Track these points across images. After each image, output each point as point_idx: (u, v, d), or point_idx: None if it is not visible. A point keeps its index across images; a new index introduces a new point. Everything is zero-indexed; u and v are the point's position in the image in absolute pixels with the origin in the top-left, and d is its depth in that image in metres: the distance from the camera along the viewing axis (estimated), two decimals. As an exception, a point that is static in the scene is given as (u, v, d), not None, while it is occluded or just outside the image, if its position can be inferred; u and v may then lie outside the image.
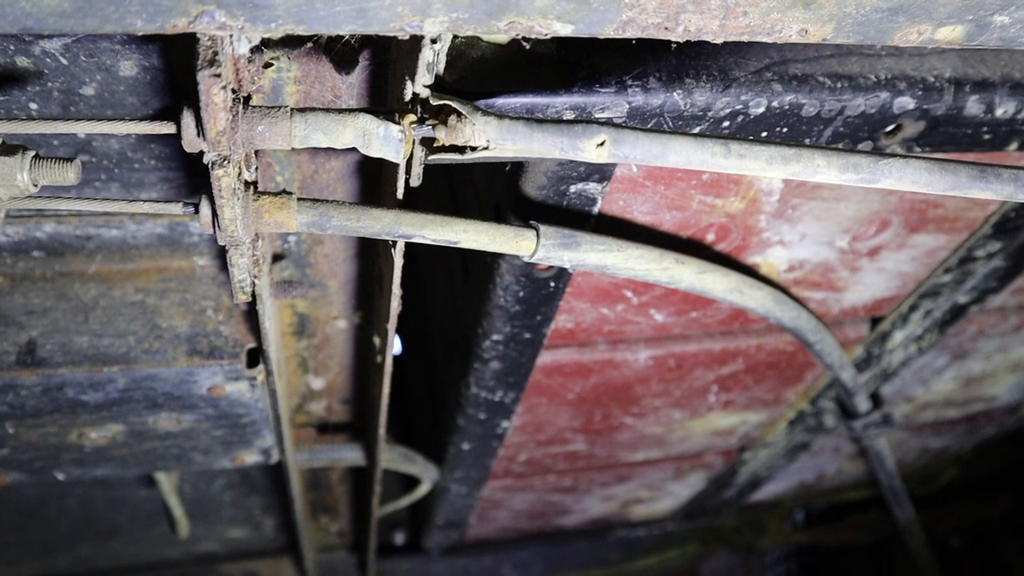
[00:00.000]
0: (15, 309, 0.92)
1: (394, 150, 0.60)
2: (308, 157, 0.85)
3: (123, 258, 0.95)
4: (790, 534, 2.43)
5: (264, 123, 0.59)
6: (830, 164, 0.63)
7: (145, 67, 0.72)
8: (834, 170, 0.63)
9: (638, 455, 1.65)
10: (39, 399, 0.92)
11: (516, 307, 0.98)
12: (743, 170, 0.63)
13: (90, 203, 0.66)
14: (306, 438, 1.34)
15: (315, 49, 0.71)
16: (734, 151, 0.62)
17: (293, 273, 0.99)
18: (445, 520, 1.79)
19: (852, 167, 0.64)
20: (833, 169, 0.63)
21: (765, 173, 0.63)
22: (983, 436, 2.08)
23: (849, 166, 0.64)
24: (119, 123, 0.61)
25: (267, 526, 1.93)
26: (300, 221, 0.67)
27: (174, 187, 0.86)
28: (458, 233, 0.71)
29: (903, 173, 0.64)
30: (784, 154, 0.63)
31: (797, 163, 0.63)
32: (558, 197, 0.82)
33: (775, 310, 1.01)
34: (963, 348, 1.49)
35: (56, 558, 1.87)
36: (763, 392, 1.45)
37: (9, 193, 0.60)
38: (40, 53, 0.70)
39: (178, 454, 1.10)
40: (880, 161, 0.64)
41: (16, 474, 1.09)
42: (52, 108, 0.74)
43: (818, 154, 0.63)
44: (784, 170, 0.63)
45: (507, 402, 1.23)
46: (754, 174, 0.65)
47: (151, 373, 0.91)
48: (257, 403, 0.99)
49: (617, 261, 0.82)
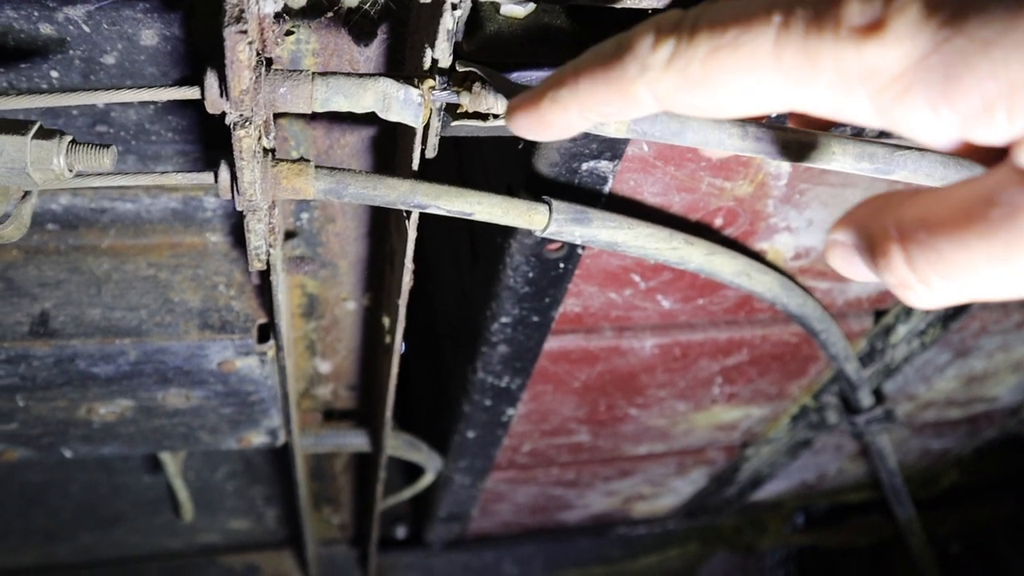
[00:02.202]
0: (29, 281, 0.93)
1: (413, 114, 0.61)
2: (323, 132, 0.86)
3: (136, 232, 0.95)
4: (790, 535, 2.43)
5: (286, 85, 0.60)
6: (845, 152, 0.64)
7: (166, 36, 0.73)
8: (849, 158, 0.64)
9: (641, 448, 1.65)
10: (51, 370, 0.93)
11: (525, 288, 0.99)
12: (759, 153, 0.63)
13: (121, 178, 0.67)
14: (312, 423, 1.35)
15: (334, 20, 0.72)
16: (751, 134, 0.63)
17: (305, 251, 1.00)
18: (448, 512, 1.79)
19: (867, 156, 0.64)
20: (848, 157, 0.64)
21: (780, 159, 0.64)
22: (984, 439, 2.09)
23: (864, 155, 0.64)
24: (142, 91, 0.62)
25: (269, 517, 1.93)
26: (317, 188, 0.68)
27: (190, 160, 0.87)
28: (472, 205, 0.72)
29: (918, 166, 0.65)
30: (800, 139, 0.64)
31: (812, 150, 0.64)
32: (570, 175, 0.83)
33: (782, 296, 1.02)
34: (966, 345, 1.50)
35: (58, 546, 1.88)
36: (767, 385, 1.46)
37: (44, 177, 0.60)
38: (63, 20, 0.71)
39: (185, 433, 1.10)
40: (896, 152, 0.65)
41: (24, 450, 1.09)
42: (73, 76, 0.75)
43: (834, 142, 0.64)
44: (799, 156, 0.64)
45: (513, 388, 1.24)
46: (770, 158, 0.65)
47: (162, 346, 0.92)
48: (266, 380, 1.00)
49: (628, 239, 0.83)
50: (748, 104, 0.39)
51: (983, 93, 0.33)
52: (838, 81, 0.36)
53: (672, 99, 0.41)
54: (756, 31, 0.37)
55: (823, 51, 0.36)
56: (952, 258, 0.35)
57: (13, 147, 0.59)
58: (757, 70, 0.37)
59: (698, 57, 0.38)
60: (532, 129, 0.48)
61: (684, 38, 0.39)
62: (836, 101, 0.37)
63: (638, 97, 0.41)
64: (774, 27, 0.37)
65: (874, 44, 0.35)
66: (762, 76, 0.37)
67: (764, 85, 0.38)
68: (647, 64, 0.40)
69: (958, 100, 0.33)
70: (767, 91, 0.38)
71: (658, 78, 0.40)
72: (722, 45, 0.38)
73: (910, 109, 0.35)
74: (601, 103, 0.43)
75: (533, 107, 0.47)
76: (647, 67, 0.40)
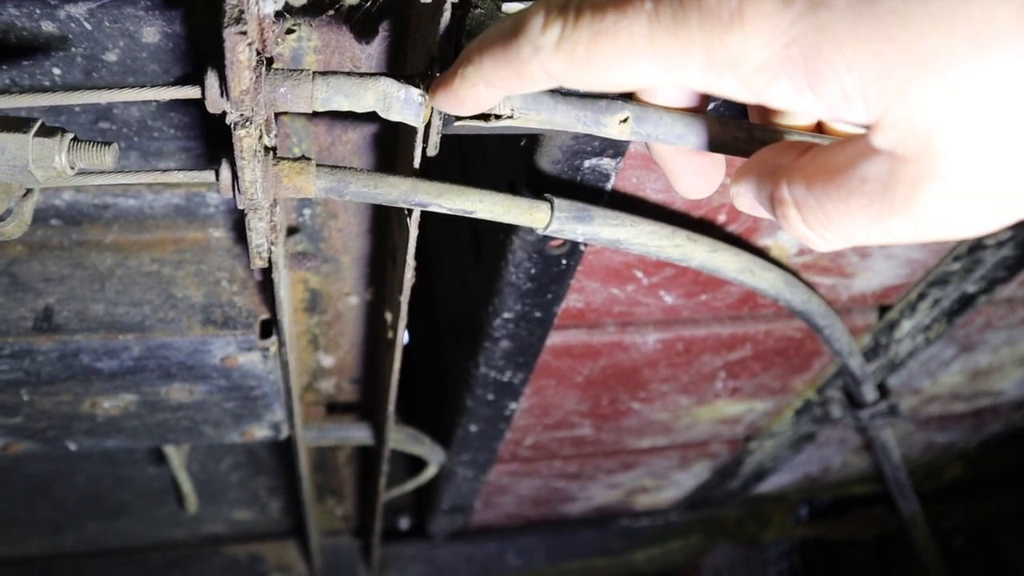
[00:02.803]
0: (33, 276, 0.93)
1: (414, 114, 0.61)
2: (325, 129, 0.86)
3: (140, 228, 0.96)
4: (794, 528, 2.43)
5: (287, 85, 0.60)
6: None
7: (168, 34, 0.73)
8: None
9: (644, 442, 1.66)
10: (54, 365, 0.93)
11: (527, 284, 0.99)
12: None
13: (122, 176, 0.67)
14: (315, 416, 1.35)
15: (336, 18, 0.72)
16: (756, 137, 0.62)
17: (307, 247, 1.00)
18: (451, 504, 1.80)
19: None
20: None
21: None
22: (989, 432, 2.08)
23: None
24: (143, 90, 0.62)
25: (273, 508, 1.94)
26: (318, 186, 0.68)
27: (192, 157, 0.87)
28: (474, 203, 0.72)
29: None
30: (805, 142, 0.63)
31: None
32: (572, 172, 0.83)
33: (785, 292, 1.02)
34: (971, 340, 1.50)
35: (63, 536, 1.89)
36: (770, 380, 1.46)
37: (46, 175, 0.61)
38: (65, 17, 0.71)
39: (189, 426, 1.11)
40: None
41: (29, 443, 1.10)
42: (75, 74, 0.75)
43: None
44: None
45: (515, 383, 1.24)
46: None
47: (165, 342, 0.92)
48: (269, 375, 1.00)
49: (630, 236, 0.83)
50: (631, 83, 0.42)
51: (841, 85, 0.36)
52: (709, 66, 0.39)
53: (563, 78, 0.44)
54: (631, 17, 0.39)
55: (691, 39, 0.38)
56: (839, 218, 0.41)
57: (15, 145, 0.59)
58: (635, 56, 0.40)
59: (582, 41, 0.41)
60: (449, 105, 0.52)
61: (570, 21, 0.42)
62: (710, 83, 0.40)
63: (533, 75, 0.45)
64: (646, 14, 0.39)
65: (736, 34, 0.37)
66: (640, 61, 0.40)
67: (642, 69, 0.41)
68: (538, 45, 0.43)
69: (819, 88, 0.37)
70: (646, 72, 0.41)
71: (549, 59, 0.43)
72: (602, 31, 0.40)
73: (778, 95, 0.38)
74: (502, 80, 0.47)
75: (447, 84, 0.51)
76: (538, 48, 0.43)
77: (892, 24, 0.34)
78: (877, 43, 0.35)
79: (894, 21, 0.34)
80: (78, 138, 0.61)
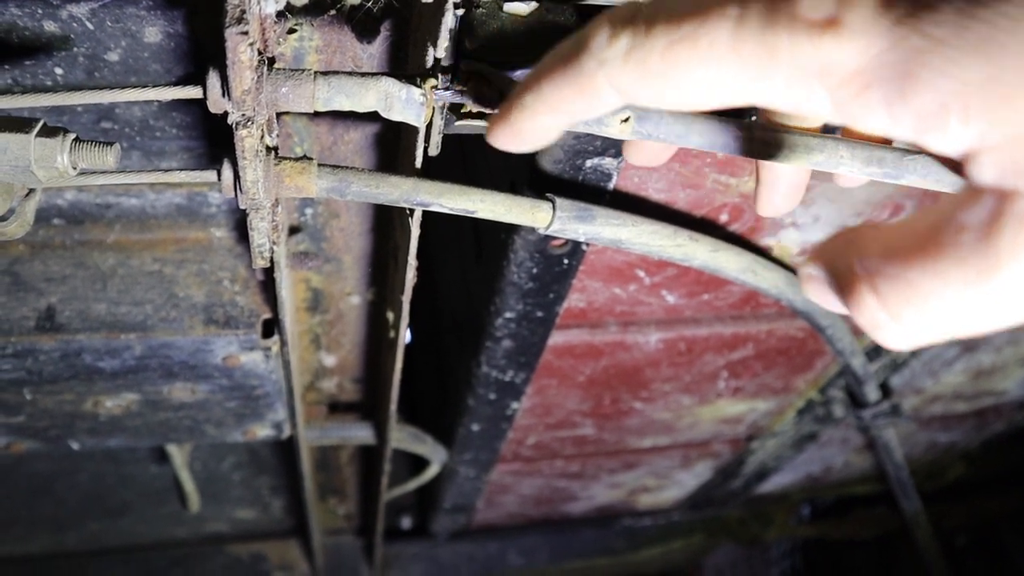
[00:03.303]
0: (35, 276, 0.93)
1: (415, 114, 0.61)
2: (327, 128, 0.86)
3: (142, 228, 0.96)
4: (796, 527, 2.43)
5: (288, 85, 0.60)
6: (854, 156, 0.63)
7: (169, 33, 0.73)
8: (858, 162, 0.63)
9: (646, 441, 1.65)
10: (57, 365, 0.93)
11: (529, 284, 0.99)
12: (765, 157, 0.63)
13: (124, 176, 0.67)
14: (317, 415, 1.35)
15: (337, 18, 0.72)
16: (757, 137, 0.62)
17: (309, 246, 1.00)
18: (453, 504, 1.80)
19: (876, 161, 0.63)
20: (857, 161, 0.63)
21: (787, 161, 0.63)
22: (992, 432, 2.08)
23: (873, 160, 0.63)
24: (145, 90, 0.62)
25: (275, 507, 1.94)
26: (320, 186, 0.68)
27: (194, 156, 0.87)
28: (475, 203, 0.72)
29: (928, 171, 0.64)
30: (807, 143, 0.63)
31: (820, 153, 0.63)
32: (574, 172, 0.83)
33: (788, 292, 1.02)
34: (974, 340, 1.49)
35: (65, 535, 1.89)
36: (772, 379, 1.46)
37: (48, 175, 0.61)
38: (67, 17, 0.71)
39: (191, 426, 1.11)
40: (905, 157, 0.63)
41: (31, 442, 1.10)
42: (77, 73, 0.75)
43: (842, 145, 0.63)
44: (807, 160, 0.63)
45: (517, 382, 1.24)
46: (776, 162, 0.64)
47: (167, 341, 0.92)
48: (271, 374, 1.00)
49: (631, 236, 0.83)
50: (709, 96, 0.39)
51: (937, 90, 0.32)
52: (796, 75, 0.36)
53: (634, 92, 0.40)
54: (713, 23, 0.37)
55: (780, 45, 0.35)
56: (925, 287, 0.34)
57: (17, 145, 0.59)
58: (717, 62, 0.37)
59: (657, 49, 0.38)
60: (509, 141, 0.48)
61: (641, 31, 0.39)
62: (795, 95, 0.37)
63: (600, 92, 0.41)
64: (731, 20, 0.36)
65: (830, 39, 0.34)
66: (721, 68, 0.37)
67: (724, 78, 0.38)
68: (605, 59, 0.40)
69: (913, 97, 0.33)
70: (727, 84, 0.38)
71: (618, 71, 0.40)
72: (680, 38, 0.38)
73: (867, 106, 0.35)
74: (566, 102, 0.43)
75: (504, 119, 0.47)
76: (605, 61, 0.40)
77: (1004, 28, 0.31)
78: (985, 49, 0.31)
79: (1006, 25, 0.31)
80: (80, 138, 0.61)
